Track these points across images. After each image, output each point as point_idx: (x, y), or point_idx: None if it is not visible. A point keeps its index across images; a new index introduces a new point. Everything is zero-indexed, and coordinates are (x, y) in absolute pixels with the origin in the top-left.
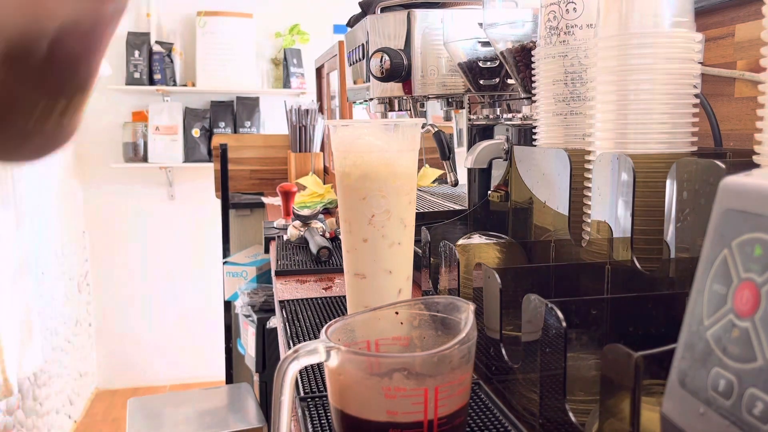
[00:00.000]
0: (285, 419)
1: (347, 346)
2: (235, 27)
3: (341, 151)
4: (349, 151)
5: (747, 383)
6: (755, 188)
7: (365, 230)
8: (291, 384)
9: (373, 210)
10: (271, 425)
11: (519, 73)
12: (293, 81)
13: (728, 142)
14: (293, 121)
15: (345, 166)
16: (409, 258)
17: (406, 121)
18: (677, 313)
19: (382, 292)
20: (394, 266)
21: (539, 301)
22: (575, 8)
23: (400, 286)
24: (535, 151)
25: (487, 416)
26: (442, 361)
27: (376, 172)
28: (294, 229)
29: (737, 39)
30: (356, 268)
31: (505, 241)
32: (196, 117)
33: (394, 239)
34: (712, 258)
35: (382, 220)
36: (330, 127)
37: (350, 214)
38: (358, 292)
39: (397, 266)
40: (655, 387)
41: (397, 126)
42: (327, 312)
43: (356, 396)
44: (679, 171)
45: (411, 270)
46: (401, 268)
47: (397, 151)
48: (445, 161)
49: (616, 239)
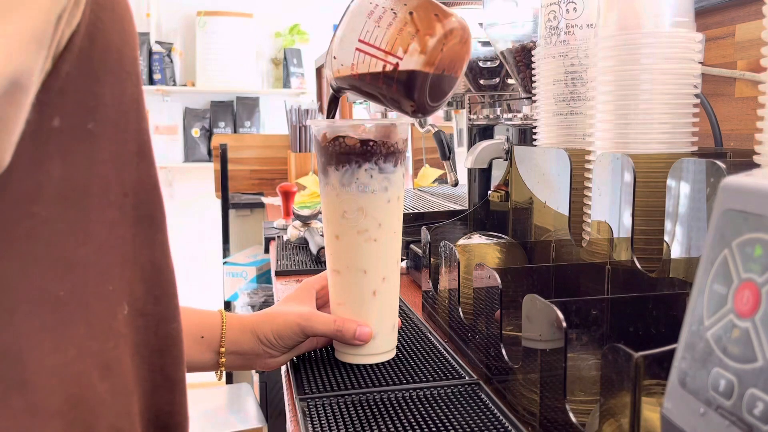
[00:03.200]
0: None
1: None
2: (235, 27)
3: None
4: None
5: (747, 383)
6: (755, 188)
7: (338, 225)
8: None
9: (344, 207)
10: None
11: (519, 73)
12: (293, 81)
13: (729, 142)
14: (293, 121)
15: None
16: (387, 258)
17: (384, 120)
18: (677, 313)
19: (353, 289)
20: (369, 266)
21: (542, 302)
22: (575, 8)
23: (374, 287)
24: (535, 151)
25: (487, 416)
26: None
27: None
28: (294, 229)
29: (737, 39)
30: (333, 263)
31: (505, 241)
32: (196, 117)
33: (369, 236)
34: (713, 258)
35: (355, 217)
36: (312, 127)
37: (326, 209)
38: (333, 287)
39: (371, 266)
40: (655, 387)
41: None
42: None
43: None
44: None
45: (391, 272)
46: (376, 269)
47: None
48: (445, 161)
49: (617, 239)
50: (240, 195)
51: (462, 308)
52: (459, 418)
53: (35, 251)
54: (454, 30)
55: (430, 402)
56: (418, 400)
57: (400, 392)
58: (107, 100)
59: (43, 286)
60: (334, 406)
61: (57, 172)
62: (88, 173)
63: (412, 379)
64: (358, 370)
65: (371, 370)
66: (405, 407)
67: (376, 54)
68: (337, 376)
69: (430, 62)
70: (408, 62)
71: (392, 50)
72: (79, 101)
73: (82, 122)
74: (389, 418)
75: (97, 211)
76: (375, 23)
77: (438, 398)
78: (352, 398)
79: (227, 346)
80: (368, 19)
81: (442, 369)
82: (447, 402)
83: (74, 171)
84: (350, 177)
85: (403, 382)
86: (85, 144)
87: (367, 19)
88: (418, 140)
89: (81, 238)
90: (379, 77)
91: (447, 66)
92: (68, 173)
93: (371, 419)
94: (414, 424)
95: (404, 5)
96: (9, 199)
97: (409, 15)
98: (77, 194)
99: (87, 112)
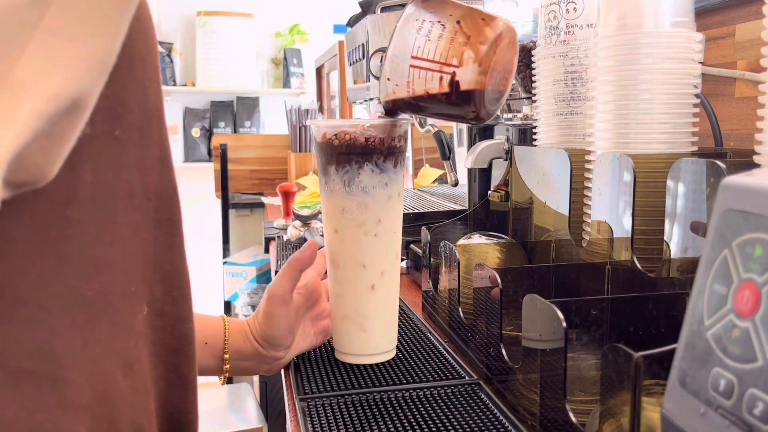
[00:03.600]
0: None
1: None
2: (235, 27)
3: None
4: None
5: (747, 383)
6: (755, 188)
7: (338, 220)
8: None
9: (344, 205)
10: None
11: (519, 73)
12: (293, 81)
13: (729, 142)
14: (293, 121)
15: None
16: (386, 253)
17: (384, 120)
18: (677, 313)
19: (351, 282)
20: (367, 260)
21: (542, 303)
22: (575, 8)
23: (373, 281)
24: (535, 151)
25: (487, 416)
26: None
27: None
28: (294, 229)
29: (738, 39)
30: (331, 256)
31: (505, 241)
32: (196, 117)
33: (368, 230)
34: (713, 258)
35: (355, 216)
36: (312, 127)
37: (326, 207)
38: (332, 280)
39: (370, 260)
40: (655, 387)
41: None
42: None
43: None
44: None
45: (390, 267)
46: (374, 263)
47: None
48: (445, 161)
49: (617, 239)
50: (240, 195)
51: (462, 308)
52: (459, 418)
53: (68, 252)
54: (502, 33)
55: (430, 402)
56: (418, 400)
57: (400, 392)
58: (132, 107)
59: (75, 285)
60: (334, 406)
61: (89, 176)
62: (116, 178)
63: (412, 379)
64: (358, 370)
65: (371, 370)
66: (405, 407)
67: (431, 67)
68: (337, 376)
69: (484, 68)
70: (464, 70)
71: (447, 60)
72: (107, 108)
73: (110, 129)
74: (389, 418)
75: (123, 214)
76: (425, 38)
77: (438, 398)
78: (352, 398)
79: (231, 353)
80: (418, 35)
81: (442, 369)
82: (447, 402)
83: (103, 176)
84: (351, 177)
85: (403, 382)
86: (113, 150)
87: (417, 35)
88: (418, 140)
89: (108, 240)
90: (437, 90)
91: (500, 69)
92: (98, 178)
93: (371, 419)
94: (414, 424)
95: (450, 16)
96: (46, 202)
97: (457, 24)
98: (106, 198)
99: (114, 119)
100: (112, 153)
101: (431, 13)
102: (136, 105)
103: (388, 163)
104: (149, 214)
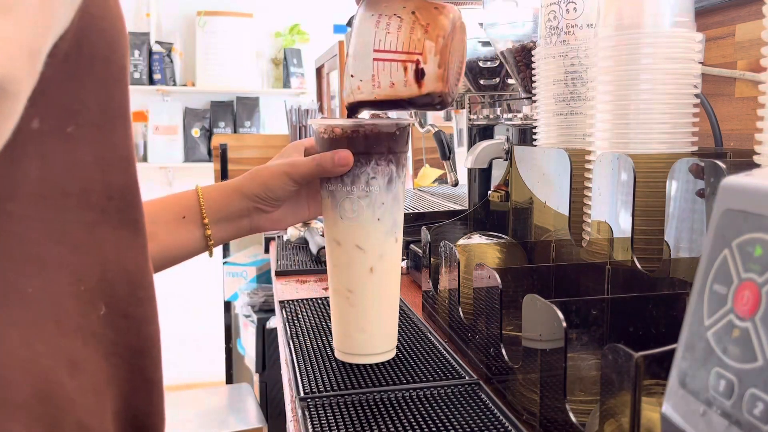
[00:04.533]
0: None
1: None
2: (235, 27)
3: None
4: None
5: (747, 383)
6: (755, 188)
7: (337, 218)
8: None
9: (344, 204)
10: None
11: (519, 73)
12: (293, 81)
13: (729, 142)
14: (293, 121)
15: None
16: (384, 238)
17: (382, 120)
18: (677, 313)
19: (350, 263)
20: (366, 243)
21: (542, 303)
22: (575, 8)
23: (371, 264)
24: (535, 151)
25: (487, 416)
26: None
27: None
28: (294, 229)
29: (738, 39)
30: (330, 236)
31: (505, 241)
32: (196, 117)
33: (373, 213)
34: (713, 258)
35: (355, 215)
36: (312, 126)
37: (326, 205)
38: (330, 259)
39: (368, 243)
40: (655, 387)
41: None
42: (327, 312)
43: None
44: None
45: (389, 250)
46: (373, 246)
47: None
48: (445, 161)
49: (617, 239)
50: None
51: (462, 308)
52: (459, 418)
53: (8, 248)
54: (454, 19)
55: (430, 402)
56: (418, 400)
57: (400, 392)
58: (91, 105)
59: (13, 281)
60: (334, 406)
61: (35, 172)
62: (69, 175)
63: (412, 379)
64: (358, 370)
65: (371, 370)
66: (405, 407)
67: (396, 58)
68: (337, 376)
69: (445, 55)
70: (428, 57)
71: (410, 50)
72: (60, 105)
73: (62, 125)
74: (389, 418)
75: (76, 212)
76: (385, 31)
77: (438, 398)
78: (352, 398)
79: (212, 215)
80: (377, 29)
81: (442, 369)
82: (447, 402)
83: (52, 172)
84: (351, 176)
85: (403, 382)
86: (66, 146)
87: (376, 29)
88: (418, 140)
89: (56, 238)
90: (403, 79)
91: (457, 52)
92: (46, 174)
93: (371, 419)
94: (414, 424)
95: (404, 8)
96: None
97: (413, 15)
98: (56, 195)
99: (69, 115)
100: (64, 149)
101: (385, 7)
102: (95, 103)
103: (389, 163)
104: (111, 213)
